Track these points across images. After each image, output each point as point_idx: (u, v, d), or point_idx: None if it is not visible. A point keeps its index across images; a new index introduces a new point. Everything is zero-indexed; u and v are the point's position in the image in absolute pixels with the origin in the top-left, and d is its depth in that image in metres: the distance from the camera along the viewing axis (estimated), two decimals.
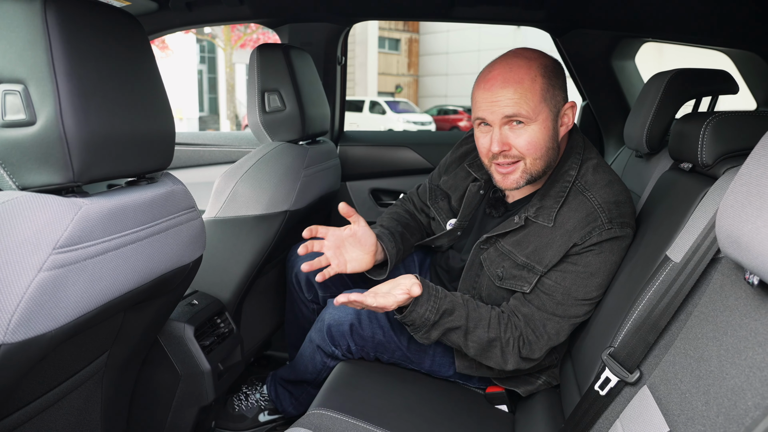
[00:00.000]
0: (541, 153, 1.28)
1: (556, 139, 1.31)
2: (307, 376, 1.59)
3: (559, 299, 1.29)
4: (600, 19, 2.06)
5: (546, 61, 1.29)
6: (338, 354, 1.49)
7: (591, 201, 1.29)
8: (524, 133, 1.26)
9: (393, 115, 17.53)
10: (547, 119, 1.27)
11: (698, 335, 0.82)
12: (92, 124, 0.83)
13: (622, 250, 1.29)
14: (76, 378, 1.09)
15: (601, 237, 1.26)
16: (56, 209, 0.79)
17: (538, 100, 1.25)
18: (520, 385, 1.46)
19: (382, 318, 1.45)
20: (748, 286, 0.75)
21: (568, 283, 1.28)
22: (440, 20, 2.22)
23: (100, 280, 0.87)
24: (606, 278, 1.29)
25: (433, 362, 1.48)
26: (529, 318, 1.30)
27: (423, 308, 1.26)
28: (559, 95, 1.29)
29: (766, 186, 0.67)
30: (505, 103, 1.24)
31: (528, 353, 1.31)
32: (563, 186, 1.32)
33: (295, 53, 1.80)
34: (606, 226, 1.26)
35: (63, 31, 0.80)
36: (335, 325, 1.45)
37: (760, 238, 0.64)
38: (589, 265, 1.27)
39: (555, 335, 1.31)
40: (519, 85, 1.24)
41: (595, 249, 1.27)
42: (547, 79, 1.26)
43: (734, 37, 1.91)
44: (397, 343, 1.45)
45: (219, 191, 1.60)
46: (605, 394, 1.04)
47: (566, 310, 1.30)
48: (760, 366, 0.66)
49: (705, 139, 1.16)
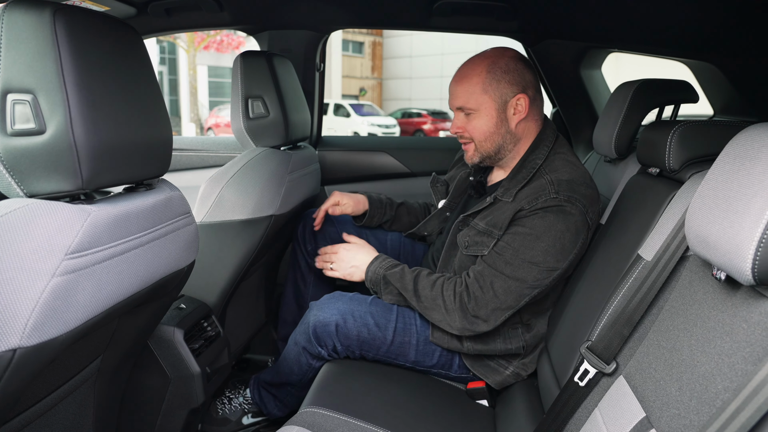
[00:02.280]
0: (486, 136, 1.51)
1: (505, 126, 1.51)
2: (293, 378, 1.62)
3: (508, 258, 1.40)
4: (569, 30, 2.15)
5: (494, 61, 1.49)
6: (324, 354, 1.53)
7: (546, 179, 1.44)
8: (471, 119, 1.52)
9: (357, 118, 17.51)
10: (491, 108, 1.49)
11: (670, 327, 0.89)
12: (100, 133, 0.86)
13: (571, 224, 1.39)
14: (72, 382, 1.10)
15: (546, 204, 1.39)
16: (67, 216, 0.81)
17: (480, 92, 1.48)
18: (489, 375, 1.53)
19: (366, 315, 1.52)
20: (716, 281, 0.82)
21: (517, 244, 1.40)
22: (418, 29, 2.28)
23: (107, 285, 0.89)
24: (552, 244, 1.38)
25: (417, 352, 1.54)
26: (479, 274, 1.43)
27: (375, 266, 1.56)
28: (505, 89, 1.48)
29: (731, 190, 0.73)
30: (455, 96, 1.53)
31: (474, 308, 1.41)
32: (529, 171, 1.48)
33: (278, 60, 1.83)
34: (552, 194, 1.40)
35: (72, 42, 0.82)
36: (320, 326, 1.50)
37: (726, 238, 0.71)
38: (534, 228, 1.39)
39: (502, 294, 1.40)
40: (466, 81, 1.50)
41: (540, 213, 1.39)
42: (491, 76, 1.47)
43: (694, 49, 2.02)
44: (382, 339, 1.51)
45: (205, 196, 1.62)
46: (584, 385, 1.10)
47: (514, 271, 1.39)
48: (728, 353, 0.72)
49: (672, 146, 1.24)
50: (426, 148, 2.65)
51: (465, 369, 1.57)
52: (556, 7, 1.94)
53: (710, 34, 1.79)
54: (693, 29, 1.79)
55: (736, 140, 0.78)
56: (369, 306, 1.54)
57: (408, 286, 1.49)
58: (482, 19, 2.08)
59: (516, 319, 1.51)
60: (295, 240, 1.98)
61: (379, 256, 1.60)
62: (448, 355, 1.56)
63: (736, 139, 0.78)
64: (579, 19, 2.00)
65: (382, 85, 28.12)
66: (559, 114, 2.51)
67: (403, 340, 1.53)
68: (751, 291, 0.73)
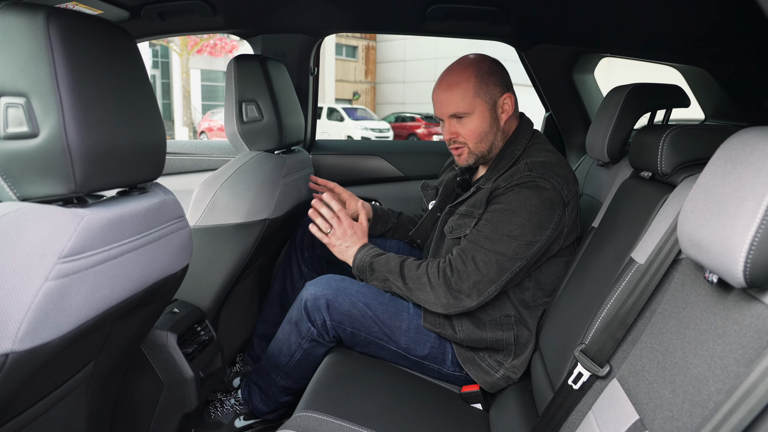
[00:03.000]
0: (481, 137, 1.57)
1: (496, 124, 1.58)
2: (281, 360, 1.64)
3: (487, 233, 1.46)
4: (562, 35, 2.17)
5: (480, 65, 1.56)
6: (314, 333, 1.56)
7: (522, 163, 1.53)
8: (466, 123, 1.56)
9: (351, 122, 17.53)
10: (484, 110, 1.55)
11: (663, 330, 0.89)
12: (94, 136, 0.85)
13: (545, 199, 1.44)
14: (64, 387, 1.09)
15: (519, 180, 1.47)
16: (60, 219, 0.81)
17: (472, 96, 1.54)
18: (480, 375, 1.54)
19: (357, 294, 1.56)
20: (708, 284, 0.82)
21: (495, 219, 1.46)
22: (411, 33, 2.28)
23: (100, 289, 0.89)
24: (528, 218, 1.43)
25: (408, 339, 1.57)
26: (461, 250, 1.48)
27: (362, 254, 1.59)
28: (493, 90, 1.56)
29: (722, 194, 0.74)
30: (447, 103, 1.56)
31: (457, 282, 1.45)
32: (509, 160, 1.56)
33: (272, 64, 1.83)
34: (525, 172, 1.48)
35: (65, 45, 0.82)
36: (311, 300, 1.54)
37: (719, 241, 0.71)
38: (510, 203, 1.45)
39: (483, 267, 1.44)
40: (456, 88, 1.55)
41: (515, 189, 1.46)
42: (480, 79, 1.54)
43: (685, 54, 2.04)
44: (373, 318, 1.55)
45: (198, 200, 1.62)
46: (578, 388, 1.11)
47: (494, 245, 1.45)
48: (720, 356, 0.72)
49: (664, 149, 1.25)
50: (419, 152, 2.66)
51: (458, 366, 1.58)
52: (549, 13, 1.96)
53: (701, 40, 1.81)
54: (684, 34, 1.81)
55: (727, 144, 0.79)
56: (361, 286, 1.59)
57: (394, 268, 1.53)
58: (476, 23, 2.09)
59: (508, 308, 1.55)
60: (293, 244, 2.00)
61: (366, 244, 1.63)
62: (440, 348, 1.58)
63: (727, 143, 0.79)
64: (572, 24, 2.01)
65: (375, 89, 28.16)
66: (552, 118, 2.52)
67: (394, 324, 1.56)
68: (742, 294, 0.74)
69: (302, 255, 1.98)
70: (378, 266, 1.55)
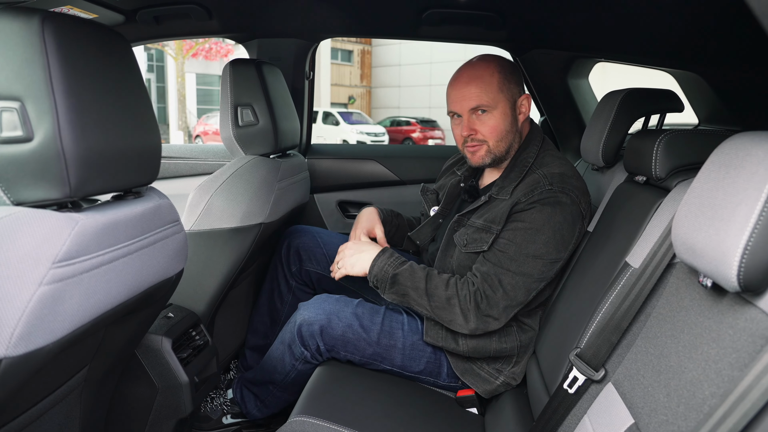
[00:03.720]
0: (502, 136, 1.52)
1: (515, 125, 1.55)
2: (275, 377, 1.63)
3: (512, 255, 1.42)
4: (557, 40, 2.18)
5: (502, 62, 1.54)
6: (308, 356, 1.55)
7: (539, 174, 1.48)
8: (487, 120, 1.51)
9: (346, 126, 17.52)
10: (506, 107, 1.51)
11: (657, 334, 0.89)
12: (89, 140, 0.85)
13: (567, 215, 1.43)
14: (58, 393, 1.08)
15: (541, 196, 1.43)
16: (55, 224, 0.81)
17: (496, 91, 1.50)
18: (479, 384, 1.53)
19: (352, 316, 1.53)
20: (702, 288, 0.83)
21: (519, 239, 1.42)
22: (407, 38, 2.29)
23: (95, 294, 0.89)
24: (552, 236, 1.41)
25: (404, 357, 1.54)
26: (486, 274, 1.44)
27: (383, 262, 1.50)
28: (514, 88, 1.53)
29: (716, 198, 0.74)
30: (469, 96, 1.50)
31: (486, 308, 1.42)
32: (522, 168, 1.52)
33: (267, 68, 1.83)
34: (546, 187, 1.44)
35: (60, 49, 0.82)
36: (305, 325, 1.52)
37: (712, 245, 0.72)
38: (534, 221, 1.42)
39: (511, 291, 1.41)
40: (480, 81, 1.50)
41: (537, 206, 1.42)
42: (503, 75, 1.51)
43: (679, 59, 2.05)
44: (367, 340, 1.52)
45: (194, 204, 1.61)
46: (573, 392, 1.11)
47: (519, 266, 1.42)
48: (715, 359, 0.72)
49: (658, 154, 1.26)
50: (415, 156, 2.66)
51: (454, 378, 1.57)
52: (544, 17, 1.96)
53: (695, 45, 1.82)
54: (678, 40, 1.82)
55: (721, 149, 0.79)
56: (355, 308, 1.56)
57: (419, 284, 1.46)
58: (471, 28, 2.10)
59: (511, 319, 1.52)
60: (278, 258, 1.95)
61: (386, 249, 1.54)
62: (435, 362, 1.56)
63: (721, 147, 0.79)
64: (566, 29, 2.02)
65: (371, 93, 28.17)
66: (548, 122, 2.53)
67: (389, 343, 1.54)
68: (736, 297, 0.74)
69: (289, 269, 1.93)
70: (402, 279, 1.47)
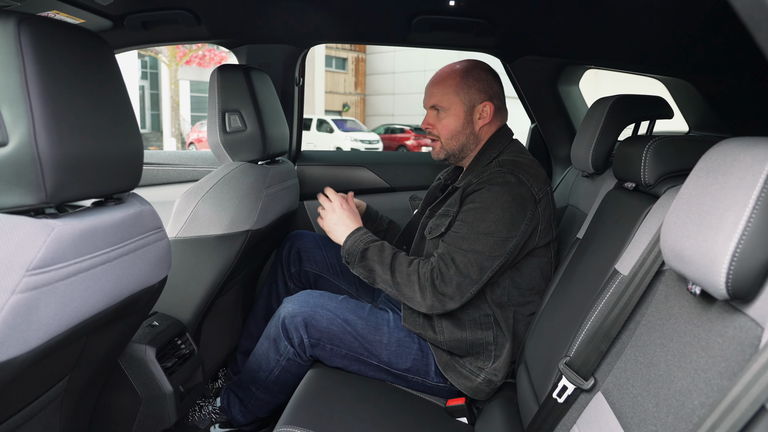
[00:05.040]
0: (452, 135, 1.65)
1: (470, 127, 1.65)
2: (259, 376, 1.63)
3: (463, 233, 1.48)
4: (547, 46, 2.18)
5: (470, 69, 1.64)
6: (291, 352, 1.55)
7: (494, 162, 1.57)
8: (441, 118, 1.66)
9: (341, 134, 17.56)
10: (460, 110, 1.63)
11: (647, 342, 0.88)
12: (65, 145, 0.83)
13: (516, 195, 1.48)
14: (36, 404, 1.06)
15: (490, 177, 1.51)
16: (29, 231, 0.78)
17: (452, 94, 1.63)
18: (461, 381, 1.53)
19: (336, 309, 1.56)
20: (691, 295, 0.82)
21: (470, 218, 1.49)
22: (396, 44, 2.28)
23: (71, 302, 0.86)
24: (501, 214, 1.46)
25: (390, 353, 1.56)
26: (442, 254, 1.49)
27: (356, 237, 1.58)
28: (474, 95, 1.63)
29: (704, 204, 0.73)
30: (430, 95, 1.67)
31: (441, 285, 1.45)
32: (485, 162, 1.61)
33: (256, 74, 1.81)
34: (495, 169, 1.52)
35: (37, 52, 0.80)
36: (289, 317, 1.53)
37: (701, 252, 0.70)
38: (483, 201, 1.48)
39: (464, 268, 1.45)
40: (441, 83, 1.65)
41: (486, 187, 1.50)
42: (464, 80, 1.62)
43: (669, 66, 2.05)
44: (353, 333, 1.54)
45: (180, 211, 1.59)
46: (563, 401, 1.10)
47: (471, 244, 1.46)
48: (704, 368, 0.71)
49: (647, 160, 1.25)
50: (406, 163, 2.65)
51: (442, 377, 1.57)
52: (534, 24, 1.96)
53: (684, 52, 1.82)
54: (667, 47, 1.82)
55: (709, 155, 0.78)
56: (340, 302, 1.58)
57: (386, 260, 1.51)
58: (461, 35, 2.10)
59: (486, 308, 1.55)
60: (278, 260, 1.99)
61: (361, 228, 1.61)
62: (422, 360, 1.56)
63: (709, 153, 0.78)
64: (556, 35, 2.02)
65: (365, 100, 28.25)
66: (538, 129, 2.53)
67: (374, 338, 1.55)
68: (725, 305, 0.73)
69: (288, 271, 1.98)
70: (370, 254, 1.53)
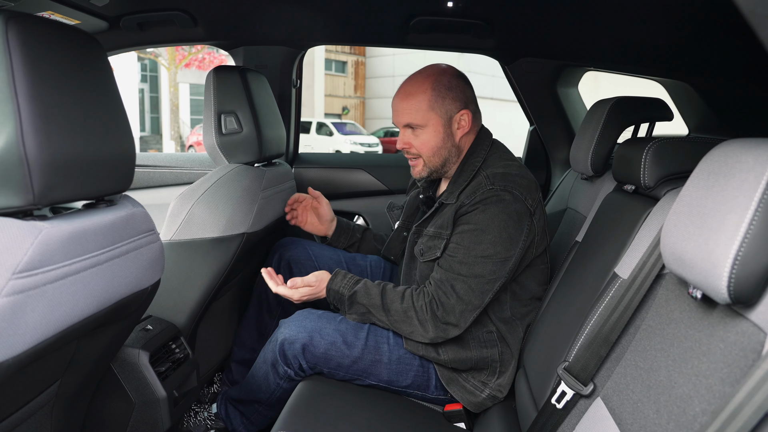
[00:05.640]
0: (434, 151, 1.55)
1: (450, 140, 1.55)
2: (260, 396, 1.60)
3: (461, 258, 1.43)
4: (546, 48, 2.17)
5: (439, 78, 1.53)
6: (291, 374, 1.51)
7: (482, 175, 1.50)
8: (419, 135, 1.55)
9: (340, 137, 17.57)
10: (438, 124, 1.53)
11: (647, 347, 0.87)
12: (54, 146, 0.82)
13: (512, 212, 1.43)
14: (26, 409, 1.04)
15: (483, 196, 1.44)
16: (15, 233, 0.77)
17: (426, 109, 1.52)
18: (465, 396, 1.50)
19: (335, 333, 1.50)
20: (692, 299, 0.80)
21: (466, 242, 1.43)
22: (394, 46, 2.28)
23: (60, 306, 0.85)
24: (498, 234, 1.41)
25: (390, 371, 1.51)
26: (439, 281, 1.44)
27: (337, 284, 1.54)
28: (450, 105, 1.53)
29: (705, 207, 0.72)
30: (402, 113, 1.55)
31: (444, 315, 1.42)
32: (470, 173, 1.53)
33: (252, 75, 1.80)
34: (488, 187, 1.45)
35: (25, 51, 0.79)
36: (288, 344, 1.49)
37: (702, 255, 0.69)
38: (479, 222, 1.42)
39: (465, 295, 1.41)
40: (412, 98, 1.53)
41: (480, 207, 1.43)
42: (437, 92, 1.51)
43: (668, 68, 2.04)
44: (351, 357, 1.49)
45: (174, 214, 1.57)
46: (562, 407, 1.08)
47: (470, 269, 1.41)
48: (705, 374, 0.70)
49: (646, 163, 1.24)
50: (403, 165, 2.62)
51: (442, 390, 1.53)
52: (533, 26, 1.95)
53: (683, 54, 1.81)
54: (666, 49, 1.81)
55: (709, 156, 0.77)
56: (338, 324, 1.52)
57: (375, 301, 1.48)
58: (459, 36, 2.09)
59: (489, 324, 1.51)
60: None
61: (338, 272, 1.57)
62: (423, 375, 1.52)
63: (709, 155, 0.77)
64: (555, 37, 2.01)
65: (364, 104, 28.25)
66: (537, 132, 2.52)
67: (374, 359, 1.50)
68: (727, 310, 0.71)
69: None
70: (359, 297, 1.50)
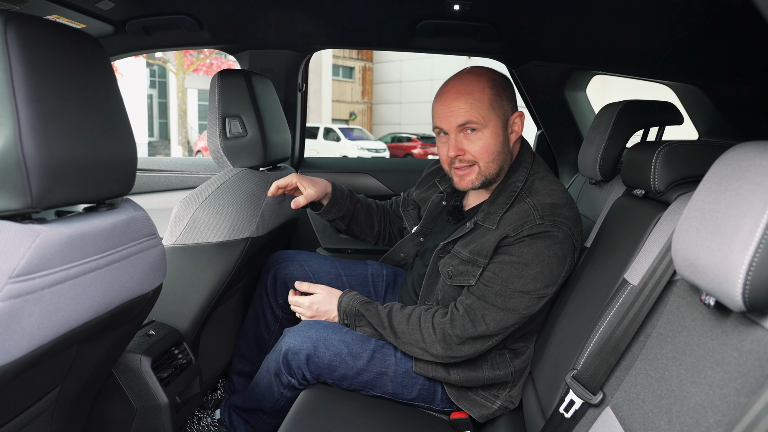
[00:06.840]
0: (493, 157, 1.41)
1: (507, 145, 1.44)
2: (264, 405, 1.57)
3: (497, 290, 1.35)
4: (553, 52, 2.15)
5: (494, 76, 1.43)
6: (295, 384, 1.48)
7: (528, 203, 1.38)
8: (477, 139, 1.40)
9: (347, 142, 17.62)
10: (497, 126, 1.40)
11: (658, 356, 0.85)
12: (53, 148, 0.81)
13: (558, 249, 1.34)
14: (25, 416, 1.02)
15: (531, 230, 1.34)
16: (13, 236, 0.76)
17: (487, 108, 1.39)
18: (476, 409, 1.47)
19: (340, 343, 1.46)
20: (704, 307, 0.78)
21: (505, 274, 1.34)
22: (401, 50, 2.27)
23: (58, 311, 0.83)
24: (541, 271, 1.33)
25: (395, 384, 1.48)
26: (470, 308, 1.37)
27: (347, 298, 1.52)
28: (507, 105, 1.42)
29: (718, 211, 0.70)
30: (458, 113, 1.39)
31: (459, 340, 1.36)
32: (510, 194, 1.42)
33: (257, 79, 1.79)
34: (537, 221, 1.34)
35: (24, 52, 0.78)
36: (292, 354, 1.45)
37: (715, 261, 0.67)
38: (522, 256, 1.33)
39: (494, 326, 1.35)
40: (469, 96, 1.38)
41: (526, 240, 1.34)
42: (495, 91, 1.40)
43: (678, 72, 2.02)
44: (356, 368, 1.46)
45: (178, 218, 1.56)
46: (570, 416, 1.06)
47: (505, 302, 1.34)
48: (719, 384, 0.68)
49: (657, 167, 1.21)
50: (409, 169, 2.63)
51: (449, 402, 1.50)
52: (540, 29, 1.94)
53: (692, 57, 1.78)
54: (675, 52, 1.78)
55: (722, 160, 0.75)
56: (344, 335, 1.48)
57: (384, 322, 1.45)
58: (465, 40, 2.07)
59: (501, 345, 1.45)
60: (263, 288, 1.85)
61: (348, 291, 1.55)
62: (429, 389, 1.49)
63: (722, 158, 0.75)
64: (562, 41, 1.99)
65: (372, 109, 28.32)
66: (544, 136, 2.50)
67: (380, 371, 1.46)
68: (741, 318, 0.69)
69: (276, 301, 1.83)
70: (368, 315, 1.47)
